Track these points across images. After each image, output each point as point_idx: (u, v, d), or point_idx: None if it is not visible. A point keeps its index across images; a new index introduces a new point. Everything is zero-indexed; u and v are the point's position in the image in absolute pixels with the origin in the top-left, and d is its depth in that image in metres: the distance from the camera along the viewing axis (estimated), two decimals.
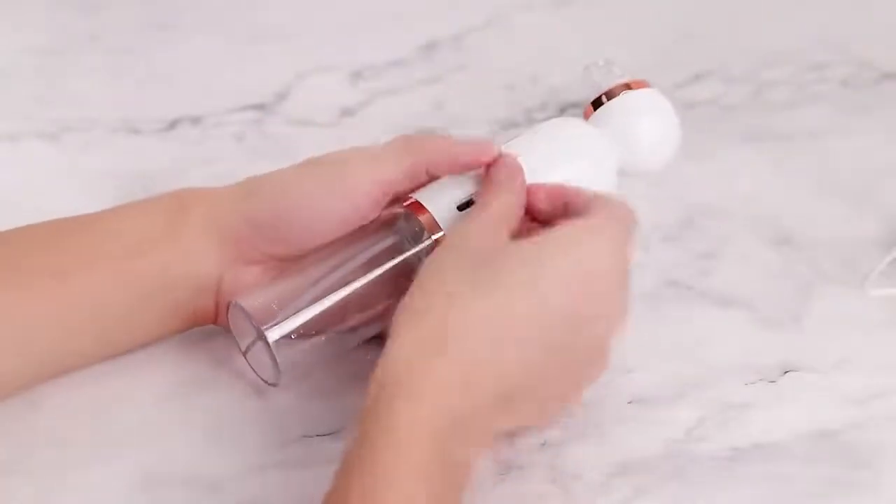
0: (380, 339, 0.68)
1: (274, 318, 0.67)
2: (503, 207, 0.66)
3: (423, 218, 0.68)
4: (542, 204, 0.68)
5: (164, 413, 0.70)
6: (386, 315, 0.66)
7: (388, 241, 0.69)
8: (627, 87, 0.73)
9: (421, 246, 0.68)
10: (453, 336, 0.60)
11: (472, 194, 0.69)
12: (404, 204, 0.69)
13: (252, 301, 0.67)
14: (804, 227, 0.79)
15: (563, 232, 0.64)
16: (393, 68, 0.93)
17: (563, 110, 0.89)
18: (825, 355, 0.72)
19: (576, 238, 0.64)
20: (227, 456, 0.67)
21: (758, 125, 0.87)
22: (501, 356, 0.61)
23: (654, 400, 0.70)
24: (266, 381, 0.69)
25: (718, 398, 0.70)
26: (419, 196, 0.69)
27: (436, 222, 0.68)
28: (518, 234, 0.66)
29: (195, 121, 0.89)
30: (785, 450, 0.68)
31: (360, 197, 0.69)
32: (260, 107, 0.90)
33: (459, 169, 0.69)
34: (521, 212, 0.68)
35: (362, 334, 0.69)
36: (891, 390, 0.70)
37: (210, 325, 0.71)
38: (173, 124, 0.88)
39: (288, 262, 0.70)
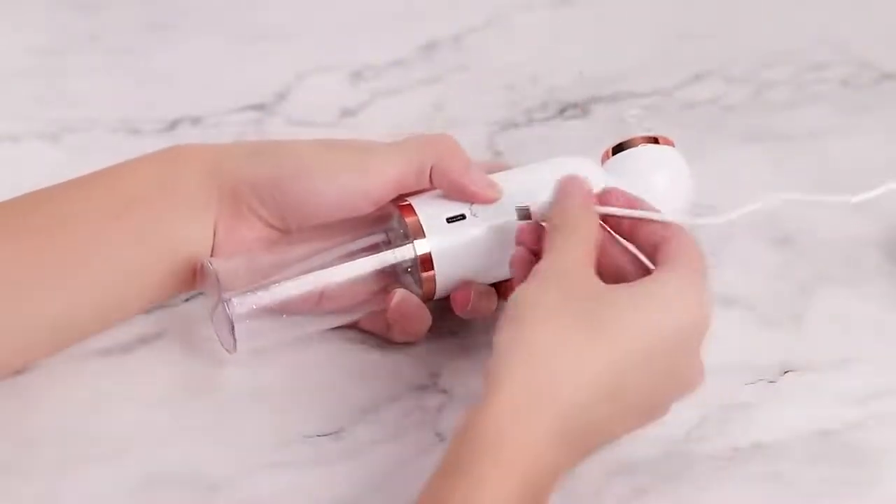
0: (354, 328, 0.70)
1: (240, 286, 0.67)
2: (592, 231, 0.65)
3: (410, 221, 0.68)
4: (625, 226, 0.66)
5: (164, 413, 0.70)
6: (357, 308, 0.67)
7: (373, 238, 0.69)
8: (650, 140, 0.73)
9: (401, 248, 0.69)
10: (562, 391, 0.59)
11: (465, 211, 0.69)
12: (399, 204, 0.69)
13: (224, 264, 0.67)
14: (804, 227, 0.79)
15: (659, 282, 0.63)
16: (393, 68, 0.93)
17: (562, 110, 0.89)
18: (825, 355, 0.72)
19: (673, 291, 0.62)
20: (227, 456, 0.67)
21: (758, 125, 0.87)
22: (603, 410, 0.60)
23: None
24: (225, 347, 0.69)
25: (718, 398, 0.70)
26: (413, 200, 0.69)
27: (422, 228, 0.68)
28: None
29: (195, 121, 0.89)
30: (785, 450, 0.68)
31: (375, 186, 0.68)
32: (260, 107, 0.90)
33: (458, 196, 0.69)
34: (598, 240, 0.65)
35: (330, 322, 0.70)
36: (891, 390, 0.70)
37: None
38: (173, 124, 0.88)
39: (278, 236, 0.69)
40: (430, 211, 0.69)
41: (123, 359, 0.72)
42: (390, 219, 0.69)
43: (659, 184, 0.72)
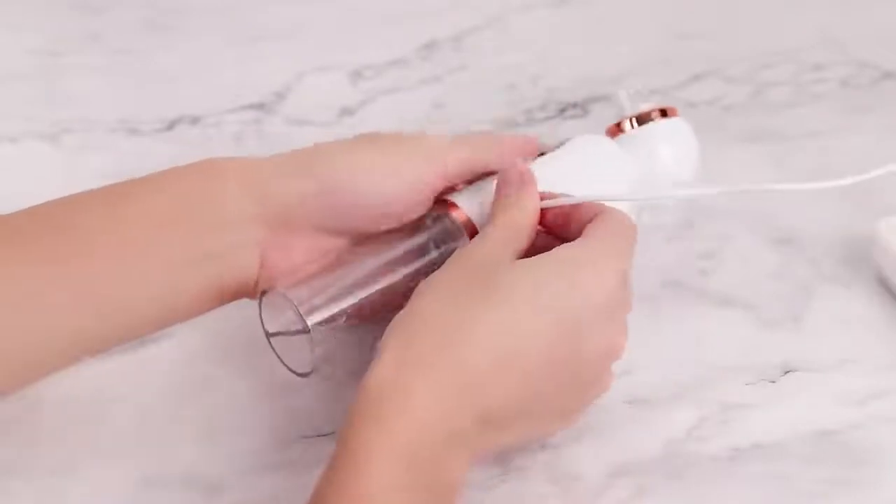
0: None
1: (316, 311, 0.66)
2: (509, 224, 0.65)
3: (459, 218, 0.68)
4: (549, 217, 0.67)
5: (164, 413, 0.70)
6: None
7: (422, 239, 0.69)
8: (661, 113, 0.73)
9: (454, 244, 0.68)
10: (449, 352, 0.58)
11: None
12: (448, 202, 0.69)
13: (297, 293, 0.66)
14: (804, 227, 0.79)
15: (564, 253, 0.63)
16: (393, 68, 0.93)
17: (562, 110, 0.89)
18: (825, 355, 0.72)
19: (575, 259, 0.62)
20: (227, 456, 0.67)
21: (758, 125, 0.87)
22: (502, 375, 0.59)
23: (654, 400, 0.70)
24: (292, 370, 0.68)
25: (718, 398, 0.70)
26: (454, 197, 0.69)
27: (472, 222, 0.68)
28: (535, 249, 0.64)
29: (195, 121, 0.89)
30: (785, 450, 0.68)
31: (422, 182, 0.67)
32: (259, 106, 0.90)
33: (506, 163, 0.68)
34: (531, 228, 0.66)
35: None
36: (891, 390, 0.70)
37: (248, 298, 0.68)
38: (173, 124, 0.88)
39: (333, 239, 0.68)
40: (475, 209, 0.68)
41: (123, 359, 0.72)
42: (438, 221, 0.69)
43: (672, 156, 0.73)
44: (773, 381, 0.71)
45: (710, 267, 0.78)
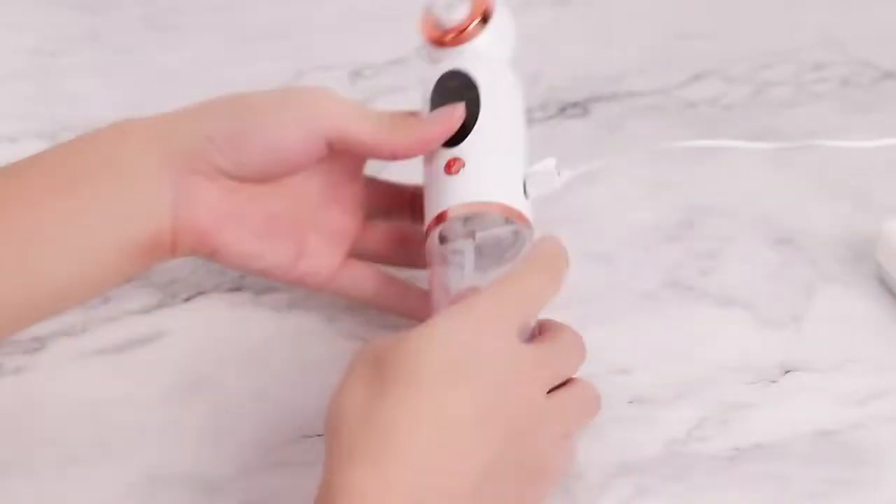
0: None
1: None
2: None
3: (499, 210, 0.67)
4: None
5: (164, 413, 0.70)
6: None
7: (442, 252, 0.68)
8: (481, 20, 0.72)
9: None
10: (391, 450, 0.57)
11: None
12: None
13: None
14: (804, 227, 0.79)
15: (444, 326, 0.59)
16: (393, 67, 0.93)
17: (562, 110, 0.89)
18: (825, 355, 0.72)
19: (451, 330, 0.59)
20: (227, 456, 0.67)
21: (758, 125, 0.87)
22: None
23: (654, 400, 0.70)
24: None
25: (718, 398, 0.70)
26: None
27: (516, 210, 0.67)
28: None
29: None
30: (785, 450, 0.68)
31: (315, 131, 0.68)
32: None
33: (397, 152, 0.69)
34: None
35: None
36: (891, 390, 0.70)
37: (168, 257, 0.69)
38: None
39: (238, 184, 0.68)
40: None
41: (123, 359, 0.72)
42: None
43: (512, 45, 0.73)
44: (774, 381, 0.71)
45: (710, 267, 0.78)
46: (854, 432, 0.68)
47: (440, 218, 0.67)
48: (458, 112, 0.68)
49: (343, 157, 0.70)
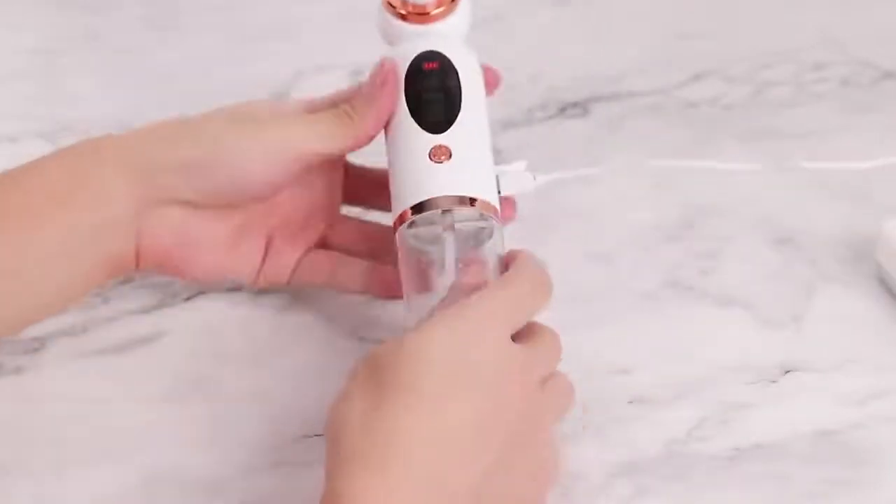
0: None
1: None
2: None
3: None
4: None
5: (164, 413, 0.70)
6: None
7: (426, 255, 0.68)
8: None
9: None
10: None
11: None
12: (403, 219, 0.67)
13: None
14: (804, 227, 0.79)
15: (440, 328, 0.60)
16: None
17: (562, 110, 0.89)
18: (825, 355, 0.72)
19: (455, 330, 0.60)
20: (227, 456, 0.67)
21: (758, 125, 0.87)
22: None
23: (654, 400, 0.70)
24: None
25: (718, 398, 0.70)
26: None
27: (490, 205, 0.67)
28: None
29: None
30: (785, 450, 0.68)
31: (289, 161, 0.68)
32: None
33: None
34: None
35: None
36: (891, 390, 0.70)
37: (131, 271, 0.70)
38: None
39: (202, 211, 0.69)
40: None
41: (123, 359, 0.72)
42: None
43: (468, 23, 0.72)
44: (774, 381, 0.71)
45: (710, 267, 0.78)
46: (854, 432, 0.68)
47: (424, 206, 0.66)
48: (386, 65, 0.70)
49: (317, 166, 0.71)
